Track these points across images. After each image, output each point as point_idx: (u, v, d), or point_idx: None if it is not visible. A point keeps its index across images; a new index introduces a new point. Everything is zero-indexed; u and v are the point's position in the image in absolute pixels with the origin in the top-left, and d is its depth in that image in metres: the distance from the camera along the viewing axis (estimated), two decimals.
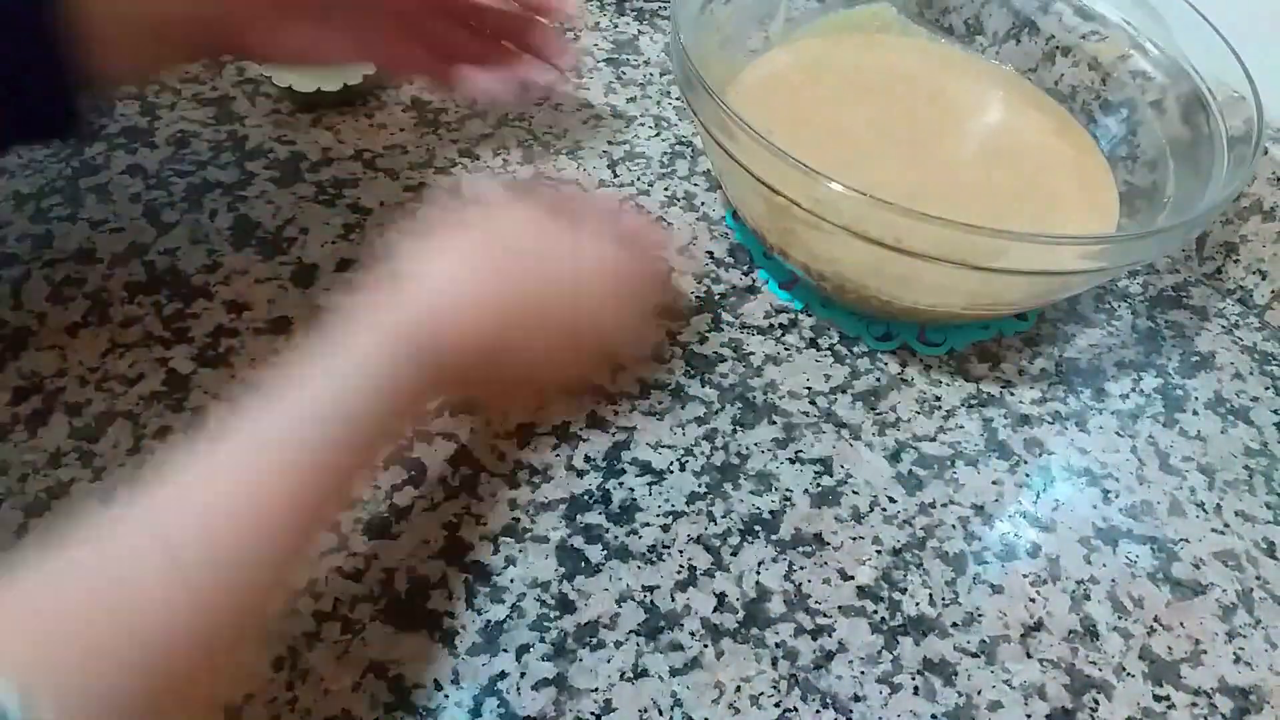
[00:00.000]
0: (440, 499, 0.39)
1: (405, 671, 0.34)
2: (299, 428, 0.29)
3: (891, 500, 0.41)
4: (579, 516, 0.39)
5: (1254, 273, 0.51)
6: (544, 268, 0.35)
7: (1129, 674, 0.37)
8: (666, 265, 0.45)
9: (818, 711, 0.35)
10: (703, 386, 0.44)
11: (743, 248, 0.50)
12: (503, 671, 0.35)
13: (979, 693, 0.36)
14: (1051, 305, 0.49)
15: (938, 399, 0.45)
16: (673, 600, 0.37)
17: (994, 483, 0.42)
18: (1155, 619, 0.39)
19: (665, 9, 0.63)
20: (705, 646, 0.36)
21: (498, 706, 0.34)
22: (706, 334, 0.46)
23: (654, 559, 0.38)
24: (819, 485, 0.41)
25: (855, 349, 0.46)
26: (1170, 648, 0.38)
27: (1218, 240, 0.51)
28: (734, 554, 0.39)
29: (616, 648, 0.36)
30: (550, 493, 0.40)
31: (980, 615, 0.38)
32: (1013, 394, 0.45)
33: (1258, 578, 0.40)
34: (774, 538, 0.39)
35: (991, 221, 0.36)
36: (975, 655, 0.37)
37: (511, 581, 0.37)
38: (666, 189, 0.52)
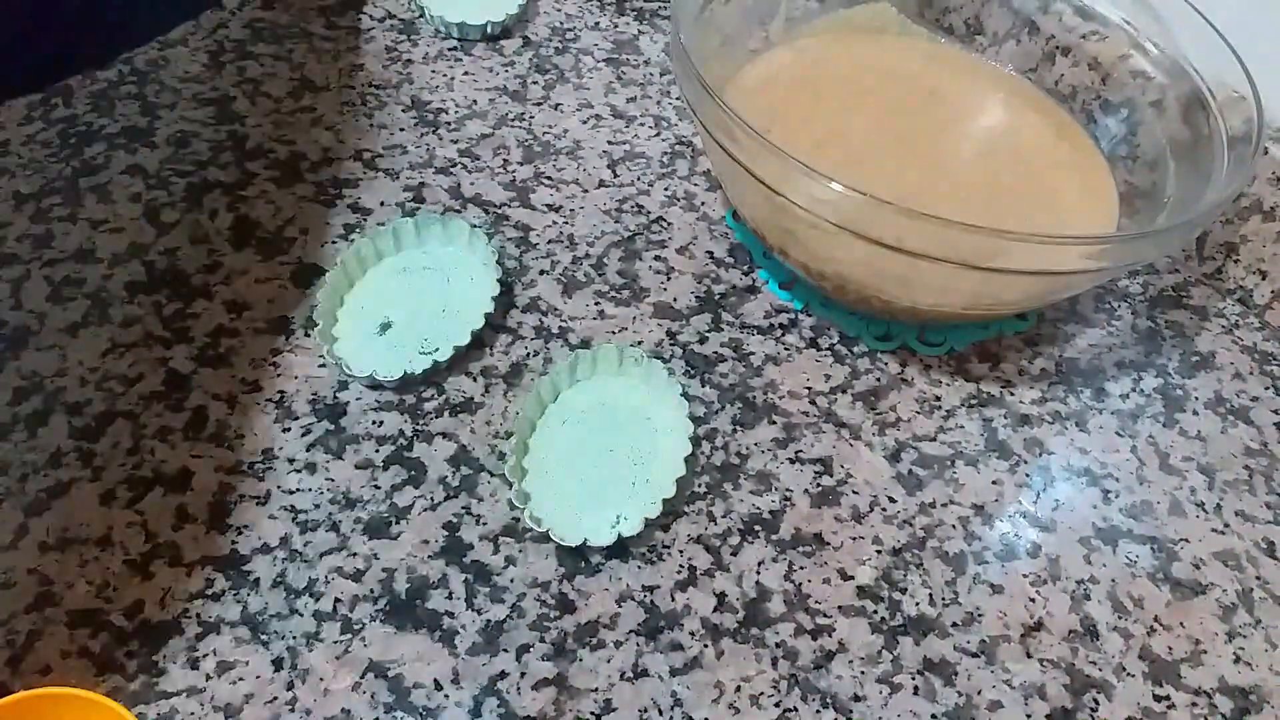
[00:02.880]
0: (440, 499, 0.39)
1: (405, 671, 0.34)
2: None
3: (891, 500, 0.41)
4: None
5: (1254, 273, 0.51)
6: None
7: (1129, 674, 0.37)
8: None
9: (818, 711, 0.35)
10: (703, 386, 0.44)
11: (743, 247, 0.50)
12: (503, 671, 0.35)
13: (979, 693, 0.36)
14: (1051, 305, 0.49)
15: (938, 399, 0.45)
16: (673, 600, 0.37)
17: (994, 483, 0.42)
18: (1155, 619, 0.39)
19: (665, 9, 0.63)
20: (705, 646, 0.36)
21: (498, 706, 0.34)
22: (706, 334, 0.46)
23: (654, 559, 0.38)
24: (819, 485, 0.41)
25: (855, 349, 0.46)
26: (1170, 648, 0.38)
27: (1218, 240, 0.51)
28: (734, 554, 0.39)
29: (616, 648, 0.36)
30: None
31: (980, 615, 0.38)
32: (1013, 394, 0.45)
33: (1258, 578, 0.40)
34: (774, 538, 0.39)
35: (991, 221, 0.36)
36: (975, 655, 0.37)
37: (511, 581, 0.37)
38: (666, 189, 0.52)
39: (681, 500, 0.40)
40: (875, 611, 0.38)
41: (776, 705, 0.35)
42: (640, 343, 0.45)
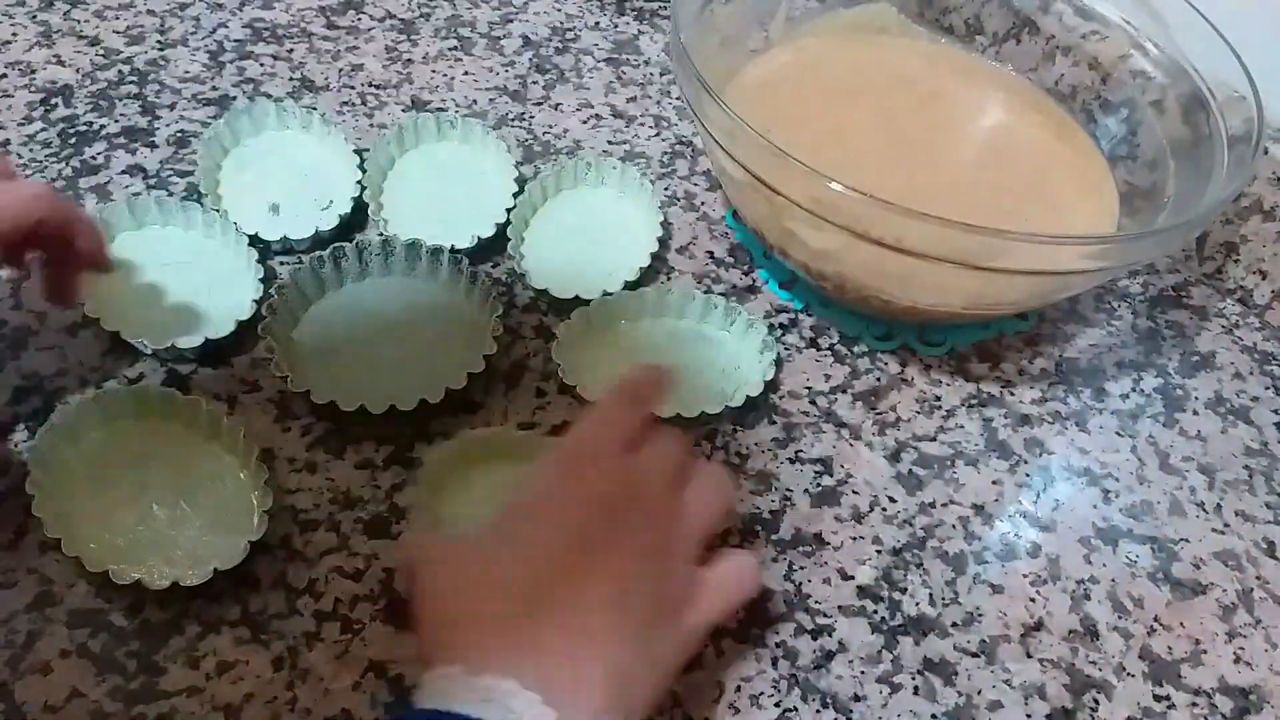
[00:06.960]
0: None
1: (405, 671, 0.34)
2: None
3: (892, 500, 0.41)
4: None
5: (1254, 272, 0.51)
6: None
7: (1129, 674, 0.37)
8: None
9: (818, 711, 0.35)
10: None
11: (743, 247, 0.50)
12: None
13: (979, 693, 0.36)
14: (1052, 305, 0.49)
15: (938, 399, 0.45)
16: None
17: (994, 482, 0.42)
18: (1155, 619, 0.39)
19: (665, 8, 0.63)
20: (705, 646, 0.36)
21: None
22: None
23: None
24: (819, 485, 0.41)
25: (855, 349, 0.46)
26: (1170, 648, 0.38)
27: (1218, 240, 0.51)
28: None
29: None
30: None
31: (980, 615, 0.38)
32: (1013, 394, 0.45)
33: (1258, 577, 0.40)
34: (774, 538, 0.39)
35: (991, 221, 0.36)
36: (975, 655, 0.37)
37: None
38: (667, 189, 0.52)
39: None
40: (875, 611, 0.38)
41: (776, 705, 0.35)
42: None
